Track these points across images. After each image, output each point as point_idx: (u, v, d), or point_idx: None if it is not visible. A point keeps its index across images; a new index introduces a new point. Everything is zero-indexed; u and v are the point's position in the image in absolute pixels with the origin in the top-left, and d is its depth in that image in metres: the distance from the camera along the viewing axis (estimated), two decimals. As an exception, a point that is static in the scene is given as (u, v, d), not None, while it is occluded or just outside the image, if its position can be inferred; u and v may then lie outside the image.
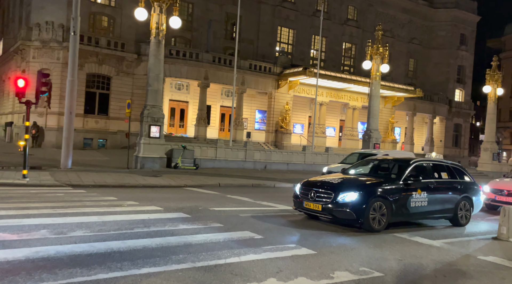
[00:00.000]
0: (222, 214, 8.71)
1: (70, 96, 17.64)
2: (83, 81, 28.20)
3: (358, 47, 42.85)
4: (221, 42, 35.39)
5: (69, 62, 17.79)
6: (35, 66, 26.51)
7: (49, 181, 12.62)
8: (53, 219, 6.89)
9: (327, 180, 8.66)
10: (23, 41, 27.24)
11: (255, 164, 22.78)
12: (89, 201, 9.44)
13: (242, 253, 5.56)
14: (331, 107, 37.67)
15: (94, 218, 7.27)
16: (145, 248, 5.49)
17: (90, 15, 30.50)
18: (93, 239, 5.75)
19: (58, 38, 27.35)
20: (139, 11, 18.42)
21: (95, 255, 4.98)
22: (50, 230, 6.10)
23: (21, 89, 12.42)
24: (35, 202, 8.76)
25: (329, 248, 6.28)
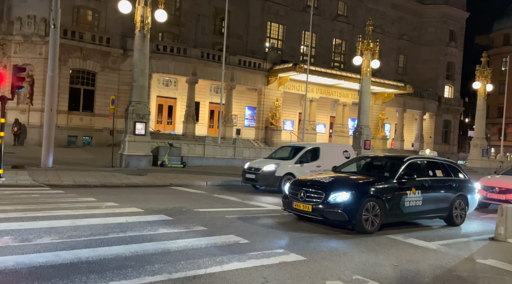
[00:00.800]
0: (207, 215, 8.22)
1: (50, 92, 16.91)
2: (67, 77, 27.36)
3: (348, 43, 42.56)
4: (209, 37, 34.72)
5: (49, 57, 17.07)
6: (17, 61, 25.54)
7: (26, 181, 11.98)
8: (20, 224, 6.33)
9: (317, 179, 8.22)
10: (4, 36, 26.30)
11: (245, 161, 22.15)
12: (65, 202, 8.87)
13: (225, 261, 5.09)
14: (322, 104, 37.32)
15: (67, 222, 6.72)
16: (118, 257, 4.98)
17: (74, 9, 29.56)
18: (60, 247, 5.21)
19: (41, 32, 26.43)
20: (123, 3, 17.74)
21: (58, 267, 4.45)
22: (14, 237, 5.54)
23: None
24: (6, 204, 8.16)
25: (320, 254, 5.84)
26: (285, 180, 12.40)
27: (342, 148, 15.25)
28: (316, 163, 13.55)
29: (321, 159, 13.70)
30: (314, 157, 13.71)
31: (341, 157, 13.91)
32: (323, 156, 13.79)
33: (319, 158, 13.71)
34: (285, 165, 13.04)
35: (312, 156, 13.72)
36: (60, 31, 23.25)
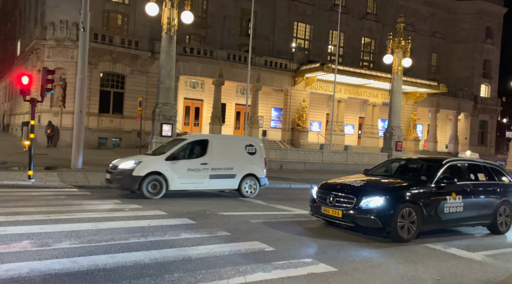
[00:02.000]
0: (231, 219, 7.91)
1: (80, 94, 17.16)
2: (98, 80, 27.93)
3: (378, 42, 41.38)
4: (236, 38, 34.62)
5: (79, 60, 17.35)
6: (50, 65, 26.30)
7: (54, 182, 12.10)
8: (42, 226, 6.23)
9: (347, 183, 7.74)
10: (37, 41, 27.13)
11: (271, 163, 21.87)
12: (90, 204, 8.80)
13: (248, 271, 4.74)
14: (350, 104, 36.41)
15: (88, 225, 6.58)
16: (136, 264, 4.73)
17: (104, 13, 30.22)
18: (79, 253, 5.03)
19: (72, 37, 27.09)
20: (150, 6, 17.79)
21: (74, 275, 4.24)
22: (33, 241, 5.42)
23: (25, 87, 11.94)
24: (31, 206, 8.16)
25: (351, 264, 5.39)
26: (149, 180, 9.99)
27: (245, 141, 12.19)
28: (201, 160, 10.72)
29: (209, 154, 10.87)
30: (200, 152, 10.92)
31: (242, 153, 11.47)
32: (213, 151, 10.98)
33: (206, 153, 10.86)
34: (151, 161, 10.42)
35: (196, 151, 11.01)
36: (90, 35, 23.81)
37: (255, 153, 11.74)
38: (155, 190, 10.09)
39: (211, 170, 10.81)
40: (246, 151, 11.64)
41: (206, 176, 10.74)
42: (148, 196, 9.96)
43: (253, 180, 11.56)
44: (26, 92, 12.04)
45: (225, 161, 11.11)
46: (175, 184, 10.35)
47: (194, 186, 10.79)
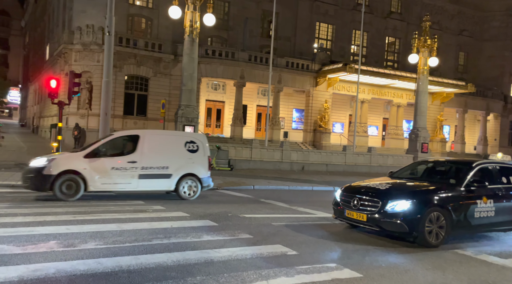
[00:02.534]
0: (253, 222, 7.86)
1: (105, 97, 17.43)
2: (122, 83, 28.51)
3: (402, 41, 40.51)
4: (257, 40, 34.64)
5: (104, 63, 17.65)
6: (77, 69, 27.02)
7: (81, 183, 12.35)
8: (68, 227, 6.36)
9: (372, 186, 7.55)
10: (65, 45, 27.95)
11: (292, 165, 21.78)
12: (114, 205, 8.94)
13: (271, 275, 4.67)
14: (374, 105, 35.76)
15: (113, 226, 6.66)
16: (159, 266, 4.74)
17: (129, 17, 30.86)
18: (103, 254, 5.09)
19: (98, 41, 27.76)
20: (173, 9, 18.07)
21: (99, 275, 4.29)
22: (59, 242, 5.52)
23: (53, 90, 12.29)
24: (58, 207, 8.35)
25: (377, 270, 5.23)
26: (63, 180, 9.03)
27: (185, 137, 10.83)
28: (128, 158, 9.68)
29: (139, 152, 9.77)
30: (129, 149, 9.88)
31: (181, 151, 10.35)
32: (144, 148, 9.86)
33: (136, 150, 9.77)
34: (66, 159, 9.47)
35: (123, 148, 10.04)
36: (116, 39, 24.34)
37: (197, 151, 10.52)
38: (70, 190, 9.09)
39: (141, 169, 9.67)
40: (186, 148, 10.43)
41: (134, 176, 9.62)
42: (62, 198, 8.97)
43: (193, 181, 10.37)
44: (54, 96, 12.39)
45: (159, 159, 9.93)
46: (96, 184, 9.32)
47: (119, 187, 9.64)
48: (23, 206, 8.20)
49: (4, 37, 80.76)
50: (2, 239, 5.44)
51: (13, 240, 5.43)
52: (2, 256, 4.72)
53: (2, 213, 7.27)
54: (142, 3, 31.31)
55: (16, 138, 32.74)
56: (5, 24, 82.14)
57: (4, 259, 4.62)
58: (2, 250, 4.93)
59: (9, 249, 5.01)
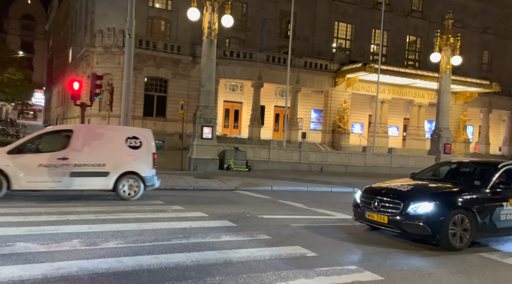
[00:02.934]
0: (271, 223, 7.83)
1: (126, 98, 17.72)
2: (142, 84, 28.96)
3: (423, 40, 39.72)
4: (275, 41, 34.60)
5: (124, 65, 17.96)
6: (99, 71, 27.61)
7: (102, 183, 12.59)
8: (90, 226, 6.48)
9: (393, 187, 7.40)
10: (87, 48, 28.60)
11: (311, 165, 21.61)
12: (134, 205, 9.07)
13: (290, 277, 4.63)
14: (394, 105, 35.18)
15: (133, 225, 6.75)
16: (178, 265, 4.77)
17: (148, 20, 31.31)
18: (124, 253, 5.16)
19: (119, 43, 28.29)
20: (191, 11, 18.20)
21: (120, 274, 4.34)
22: (82, 240, 5.63)
23: (76, 92, 12.58)
24: (81, 206, 8.53)
25: (399, 273, 5.11)
26: None
27: (126, 132, 9.95)
28: (58, 154, 8.98)
29: (72, 148, 9.11)
30: (60, 145, 9.19)
31: (121, 147, 9.62)
32: (78, 144, 9.19)
33: (68, 146, 9.10)
34: None
35: (54, 143, 9.32)
36: (136, 41, 24.74)
37: (139, 147, 9.78)
38: None
39: (74, 166, 9.00)
40: (127, 144, 9.67)
41: (65, 174, 8.95)
42: None
43: (134, 179, 9.66)
44: (77, 97, 12.68)
45: (95, 156, 9.23)
46: (21, 182, 8.70)
47: (48, 185, 8.96)
48: (48, 205, 8.41)
49: (29, 41, 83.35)
50: (27, 237, 5.59)
51: (37, 238, 5.57)
52: (27, 254, 4.84)
53: (28, 211, 7.47)
54: (161, 5, 31.73)
55: (40, 139, 33.65)
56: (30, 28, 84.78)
57: (29, 257, 4.74)
58: (27, 248, 5.06)
59: (34, 247, 5.13)
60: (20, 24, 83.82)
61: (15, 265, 4.41)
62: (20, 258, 4.66)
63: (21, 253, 4.85)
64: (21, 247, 5.09)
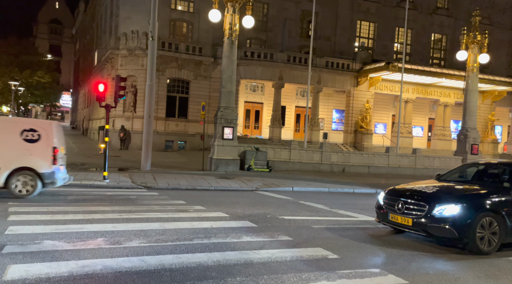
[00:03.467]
0: (292, 224, 7.78)
1: (149, 100, 18.14)
2: (165, 86, 29.38)
3: (449, 38, 38.66)
4: (296, 41, 34.44)
5: (148, 67, 18.36)
6: (123, 73, 28.20)
7: (126, 183, 12.87)
8: (114, 225, 6.61)
9: (418, 189, 7.22)
10: (112, 50, 29.26)
11: (332, 166, 21.38)
12: (157, 205, 9.20)
13: (311, 279, 4.58)
14: (418, 105, 34.38)
15: (156, 225, 6.85)
16: (200, 265, 4.80)
17: (171, 22, 31.77)
18: (147, 252, 5.24)
19: (142, 46, 28.81)
20: (212, 12, 18.35)
21: (142, 273, 4.41)
22: (106, 239, 5.75)
23: (101, 94, 12.87)
24: (105, 205, 8.73)
25: (424, 277, 4.98)
26: None
27: (22, 124, 9.10)
28: None
29: None
30: None
31: (14, 140, 8.81)
32: None
33: None
34: None
35: None
36: (158, 44, 25.14)
37: (37, 140, 8.95)
38: None
39: None
40: (23, 137, 8.85)
41: None
42: None
43: (30, 176, 8.88)
44: (102, 99, 12.97)
45: None
46: None
47: None
48: (74, 204, 8.64)
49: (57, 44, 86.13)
50: (54, 235, 5.75)
51: (64, 236, 5.73)
52: (54, 252, 4.99)
53: (55, 210, 7.70)
54: (183, 8, 32.14)
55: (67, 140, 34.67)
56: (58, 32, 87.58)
57: (56, 254, 4.88)
58: (54, 246, 5.21)
59: (60, 245, 5.28)
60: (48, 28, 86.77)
61: (42, 262, 4.54)
62: (47, 255, 4.80)
63: (48, 250, 5.00)
64: (48, 245, 5.24)
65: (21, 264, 4.44)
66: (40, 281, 3.97)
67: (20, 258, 4.63)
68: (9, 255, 4.73)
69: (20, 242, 5.31)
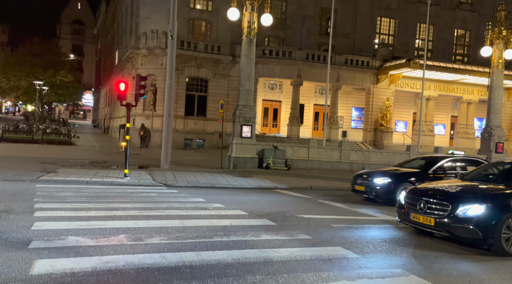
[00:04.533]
0: (311, 222, 7.74)
1: (168, 98, 18.32)
2: (184, 84, 29.66)
3: (473, 34, 37.62)
4: (315, 38, 34.18)
5: (167, 66, 18.55)
6: (143, 72, 28.63)
7: (146, 181, 13.06)
8: (135, 222, 6.73)
9: (441, 188, 7.07)
10: (132, 50, 29.73)
11: (351, 165, 21.14)
12: (177, 202, 9.31)
13: (332, 278, 4.55)
14: (440, 102, 33.62)
15: (176, 222, 6.94)
16: (220, 263, 4.83)
17: (190, 21, 32.02)
18: (168, 248, 5.31)
19: (162, 45, 29.16)
20: (231, 11, 18.39)
21: (164, 270, 4.47)
22: (128, 235, 5.86)
23: (122, 93, 13.07)
24: (127, 202, 8.90)
25: (448, 279, 4.88)
26: None
27: None
28: None
29: None
30: None
31: None
32: None
33: None
34: None
35: None
36: (177, 43, 25.38)
37: None
38: None
39: None
40: None
41: None
42: None
43: None
44: (123, 98, 13.18)
45: None
46: None
47: None
48: (97, 201, 8.84)
49: (79, 44, 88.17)
50: (78, 231, 5.90)
51: (87, 232, 5.87)
52: (78, 247, 5.12)
53: (78, 207, 7.89)
54: (202, 7, 32.33)
55: (89, 138, 35.53)
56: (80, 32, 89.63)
57: (80, 250, 5.00)
58: (78, 242, 5.34)
59: (84, 241, 5.41)
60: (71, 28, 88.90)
61: (67, 257, 4.67)
62: (72, 251, 4.93)
63: (72, 246, 5.13)
64: (73, 241, 5.38)
65: (47, 259, 4.57)
66: (65, 276, 4.08)
67: (46, 253, 4.77)
68: (35, 250, 4.87)
69: (45, 237, 5.47)
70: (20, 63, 45.61)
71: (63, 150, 23.15)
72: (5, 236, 5.44)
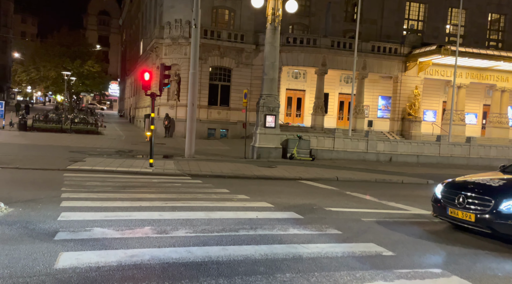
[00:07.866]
0: (340, 216, 7.44)
1: (192, 88, 18.22)
2: (207, 74, 29.55)
3: (508, 18, 35.68)
4: (340, 25, 33.25)
5: (191, 55, 18.41)
6: (167, 62, 28.66)
7: (171, 170, 13.04)
8: (161, 213, 6.62)
9: (482, 182, 6.61)
10: (156, 40, 29.77)
11: (378, 155, 20.56)
12: (202, 193, 9.20)
13: (367, 278, 4.27)
14: (472, 90, 32.20)
15: (201, 214, 6.79)
16: (247, 259, 4.63)
17: (213, 10, 31.73)
18: (193, 242, 5.15)
19: (185, 34, 29.04)
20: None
21: (190, 265, 4.31)
22: (154, 228, 5.75)
23: (147, 82, 13.03)
24: (152, 193, 8.84)
25: (493, 280, 4.51)
26: None
27: None
28: None
29: None
30: None
31: None
32: None
33: None
34: None
35: None
36: (201, 32, 25.17)
37: None
38: None
39: None
40: None
41: None
42: None
43: None
44: (147, 88, 13.14)
45: None
46: None
47: None
48: (122, 191, 8.82)
49: (105, 35, 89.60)
50: (104, 223, 5.83)
51: (113, 224, 5.79)
52: (103, 239, 5.03)
53: (104, 197, 7.88)
54: (225, -5, 31.93)
55: (116, 128, 36.11)
56: (106, 23, 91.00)
57: (105, 243, 4.91)
58: (103, 234, 5.26)
59: (110, 233, 5.33)
60: (97, 19, 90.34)
61: (92, 250, 4.58)
62: (97, 243, 4.84)
63: (98, 238, 5.05)
64: (98, 232, 5.31)
65: (72, 252, 4.49)
66: (90, 270, 3.98)
67: (71, 246, 4.70)
68: (61, 242, 4.81)
69: (71, 228, 5.42)
70: (49, 54, 46.73)
71: (90, 139, 23.57)
72: (32, 227, 5.43)
